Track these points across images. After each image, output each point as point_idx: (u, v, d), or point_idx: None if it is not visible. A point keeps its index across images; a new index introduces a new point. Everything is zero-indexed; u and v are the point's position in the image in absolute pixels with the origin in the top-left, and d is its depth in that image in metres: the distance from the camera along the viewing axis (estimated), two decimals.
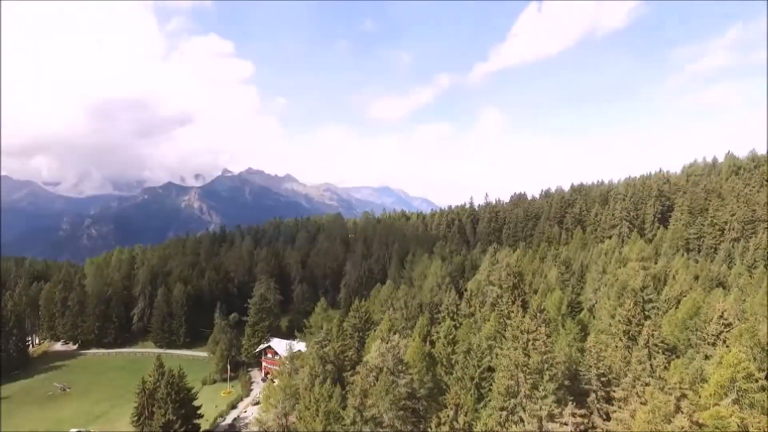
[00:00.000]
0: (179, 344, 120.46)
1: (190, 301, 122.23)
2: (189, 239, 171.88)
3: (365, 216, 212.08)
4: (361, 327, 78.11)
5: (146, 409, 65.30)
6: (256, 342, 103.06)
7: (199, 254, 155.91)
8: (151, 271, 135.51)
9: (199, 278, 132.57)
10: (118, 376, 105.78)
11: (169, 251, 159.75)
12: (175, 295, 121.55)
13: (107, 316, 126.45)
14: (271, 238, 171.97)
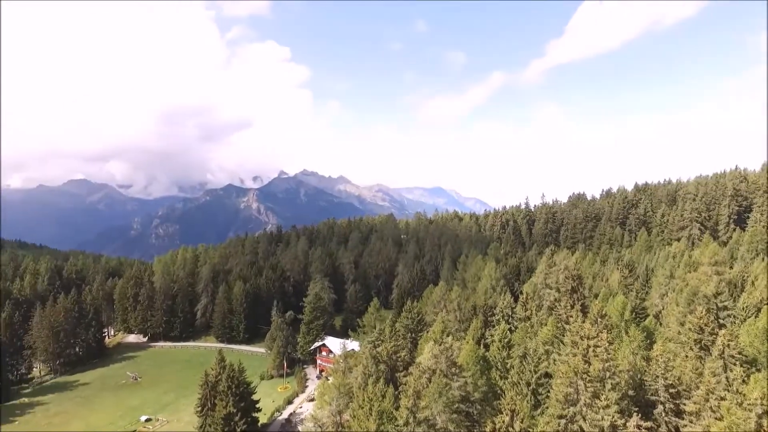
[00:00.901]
0: (239, 340, 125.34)
1: (249, 298, 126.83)
2: (248, 239, 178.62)
3: (417, 216, 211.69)
4: (413, 328, 77.96)
5: (209, 400, 68.54)
6: (311, 340, 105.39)
7: (258, 253, 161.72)
8: (213, 269, 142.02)
9: (257, 276, 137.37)
10: (183, 368, 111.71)
11: (229, 250, 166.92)
12: (234, 293, 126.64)
13: (173, 311, 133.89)
14: (325, 239, 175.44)
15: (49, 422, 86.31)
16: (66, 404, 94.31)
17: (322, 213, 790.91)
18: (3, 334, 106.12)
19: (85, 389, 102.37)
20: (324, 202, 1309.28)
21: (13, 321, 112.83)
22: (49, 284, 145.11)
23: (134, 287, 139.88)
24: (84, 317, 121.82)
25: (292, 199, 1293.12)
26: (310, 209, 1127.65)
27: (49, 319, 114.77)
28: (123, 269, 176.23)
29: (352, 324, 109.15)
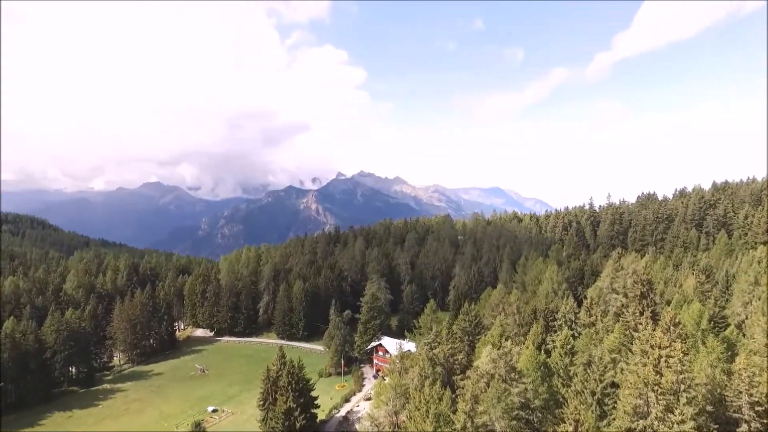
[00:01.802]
0: (298, 337, 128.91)
1: (308, 297, 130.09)
2: (307, 239, 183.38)
3: (475, 217, 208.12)
4: (470, 331, 76.67)
5: (270, 395, 70.95)
6: (368, 339, 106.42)
7: (316, 253, 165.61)
8: (274, 268, 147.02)
9: (316, 276, 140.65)
10: (246, 363, 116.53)
11: (289, 250, 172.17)
12: (294, 291, 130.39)
13: (238, 307, 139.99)
14: (381, 239, 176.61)
15: (127, 408, 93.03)
16: (142, 392, 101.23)
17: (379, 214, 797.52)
18: (88, 325, 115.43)
19: (158, 379, 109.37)
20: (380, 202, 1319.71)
21: (96, 313, 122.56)
22: (128, 280, 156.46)
23: (202, 284, 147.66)
24: (157, 311, 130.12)
25: (349, 200, 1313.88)
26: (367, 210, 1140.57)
27: (127, 313, 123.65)
28: (192, 267, 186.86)
29: (408, 325, 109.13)
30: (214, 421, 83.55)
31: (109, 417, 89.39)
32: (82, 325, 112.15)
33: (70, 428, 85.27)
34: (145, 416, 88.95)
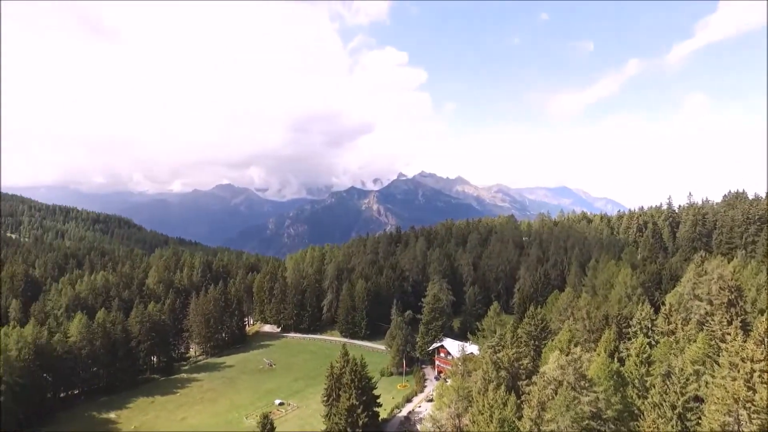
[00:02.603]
0: (360, 336, 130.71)
1: (370, 296, 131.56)
2: (369, 239, 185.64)
3: (540, 218, 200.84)
4: (536, 335, 74.10)
5: (334, 391, 72.54)
6: (430, 340, 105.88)
7: (378, 253, 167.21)
8: (338, 267, 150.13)
9: (378, 275, 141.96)
10: (311, 359, 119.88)
11: (352, 250, 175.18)
12: (357, 290, 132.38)
13: (303, 305, 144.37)
14: (443, 240, 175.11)
15: (202, 397, 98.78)
16: (215, 382, 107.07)
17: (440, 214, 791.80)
18: (168, 318, 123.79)
19: (230, 371, 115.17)
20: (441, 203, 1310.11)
21: (175, 307, 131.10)
22: (202, 276, 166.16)
23: (269, 282, 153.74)
24: (229, 307, 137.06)
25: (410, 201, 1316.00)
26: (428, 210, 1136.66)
27: (201, 307, 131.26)
28: (260, 265, 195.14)
29: (470, 327, 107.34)
30: (280, 414, 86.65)
31: (186, 404, 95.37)
32: (162, 318, 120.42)
33: (153, 413, 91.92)
34: (218, 405, 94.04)
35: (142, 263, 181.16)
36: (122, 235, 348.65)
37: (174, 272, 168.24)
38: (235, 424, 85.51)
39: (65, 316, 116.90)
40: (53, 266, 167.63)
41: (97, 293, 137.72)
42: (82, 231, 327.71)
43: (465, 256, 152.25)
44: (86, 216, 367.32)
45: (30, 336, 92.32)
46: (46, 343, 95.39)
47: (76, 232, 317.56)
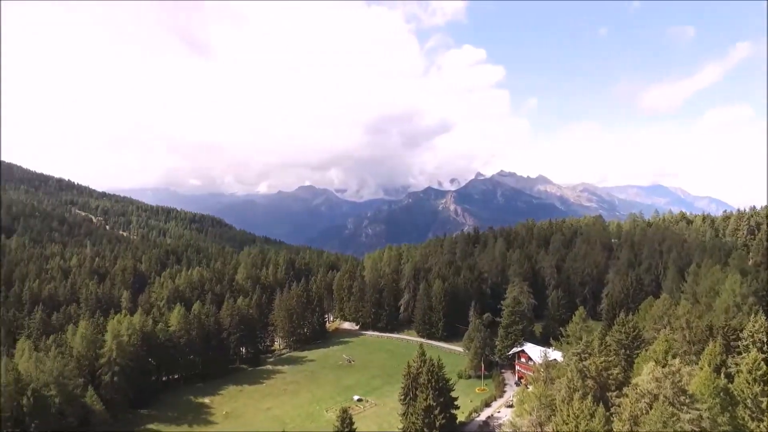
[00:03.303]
0: (437, 336, 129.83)
1: (447, 297, 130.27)
2: (446, 239, 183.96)
3: (632, 218, 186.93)
4: (627, 344, 68.91)
5: (411, 390, 72.68)
6: (509, 344, 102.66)
7: (455, 253, 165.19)
8: (414, 267, 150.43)
9: (455, 276, 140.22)
10: (388, 357, 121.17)
11: (429, 250, 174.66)
12: (434, 291, 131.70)
13: (380, 303, 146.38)
14: (523, 241, 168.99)
15: (285, 388, 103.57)
16: (297, 375, 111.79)
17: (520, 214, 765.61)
18: (255, 312, 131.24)
19: (311, 365, 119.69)
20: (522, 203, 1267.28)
21: (261, 302, 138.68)
22: (286, 274, 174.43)
23: (348, 280, 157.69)
24: (310, 303, 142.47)
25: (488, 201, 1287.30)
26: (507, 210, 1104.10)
27: (285, 303, 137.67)
28: (339, 264, 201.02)
29: (553, 332, 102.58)
30: (359, 410, 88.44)
31: (271, 395, 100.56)
32: (249, 312, 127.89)
33: (242, 401, 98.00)
34: (300, 397, 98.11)
35: (232, 260, 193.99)
36: (215, 233, 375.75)
37: (260, 269, 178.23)
38: (316, 416, 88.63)
39: (166, 307, 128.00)
40: (156, 261, 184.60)
41: (193, 287, 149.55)
42: (181, 230, 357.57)
43: (547, 258, 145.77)
44: (184, 216, 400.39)
45: (138, 324, 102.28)
46: (150, 331, 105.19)
47: (175, 231, 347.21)
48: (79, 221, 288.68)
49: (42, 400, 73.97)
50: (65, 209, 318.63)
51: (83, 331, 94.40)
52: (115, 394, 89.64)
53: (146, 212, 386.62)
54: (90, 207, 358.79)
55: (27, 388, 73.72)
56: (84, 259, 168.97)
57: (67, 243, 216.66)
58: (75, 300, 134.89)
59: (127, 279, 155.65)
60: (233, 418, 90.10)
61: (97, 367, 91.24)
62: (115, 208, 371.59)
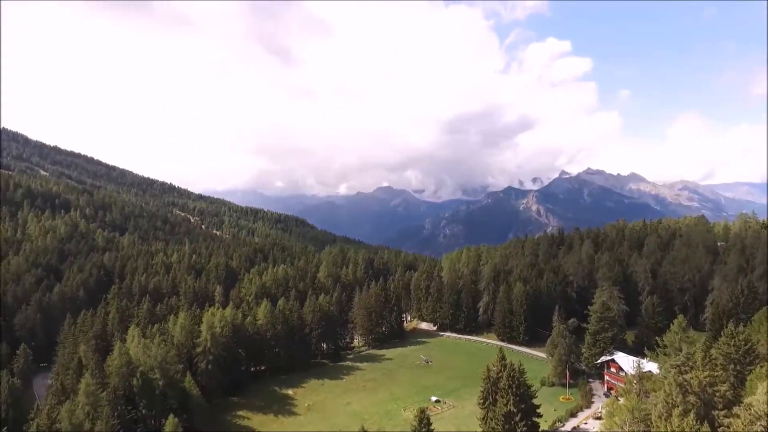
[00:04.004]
0: (518, 341, 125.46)
1: (529, 300, 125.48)
2: (528, 240, 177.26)
3: (743, 218, 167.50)
4: (738, 359, 61.77)
5: (490, 394, 70.79)
6: (597, 352, 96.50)
7: (538, 255, 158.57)
8: (494, 269, 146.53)
9: (538, 279, 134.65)
10: (467, 359, 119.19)
11: (509, 251, 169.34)
12: (515, 293, 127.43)
13: (458, 305, 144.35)
14: (613, 243, 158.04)
15: (364, 385, 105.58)
16: (375, 373, 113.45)
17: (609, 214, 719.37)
18: (335, 309, 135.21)
19: (389, 363, 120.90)
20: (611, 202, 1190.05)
21: (341, 300, 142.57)
22: (365, 272, 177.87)
23: (426, 281, 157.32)
24: (388, 302, 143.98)
25: (574, 200, 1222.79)
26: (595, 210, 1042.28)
27: (364, 301, 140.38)
28: (417, 264, 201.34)
29: (647, 341, 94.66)
30: (437, 411, 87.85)
31: (350, 390, 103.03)
32: (330, 309, 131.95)
33: (323, 394, 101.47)
34: (378, 394, 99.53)
35: (314, 259, 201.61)
36: (298, 233, 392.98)
37: (340, 268, 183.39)
38: (394, 414, 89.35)
39: (254, 301, 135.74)
40: (246, 259, 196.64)
41: (278, 284, 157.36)
42: (267, 229, 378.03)
43: (641, 261, 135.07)
44: (270, 216, 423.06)
45: (229, 317, 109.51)
46: (240, 323, 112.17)
47: (262, 230, 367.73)
48: (179, 221, 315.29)
49: (148, 382, 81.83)
50: (168, 210, 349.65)
51: (182, 322, 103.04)
52: (209, 380, 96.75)
53: (236, 213, 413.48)
54: (188, 208, 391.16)
55: (136, 370, 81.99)
56: (183, 256, 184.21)
57: (169, 241, 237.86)
58: (176, 293, 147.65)
59: (220, 275, 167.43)
60: (315, 411, 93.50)
61: (194, 355, 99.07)
62: (209, 209, 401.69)
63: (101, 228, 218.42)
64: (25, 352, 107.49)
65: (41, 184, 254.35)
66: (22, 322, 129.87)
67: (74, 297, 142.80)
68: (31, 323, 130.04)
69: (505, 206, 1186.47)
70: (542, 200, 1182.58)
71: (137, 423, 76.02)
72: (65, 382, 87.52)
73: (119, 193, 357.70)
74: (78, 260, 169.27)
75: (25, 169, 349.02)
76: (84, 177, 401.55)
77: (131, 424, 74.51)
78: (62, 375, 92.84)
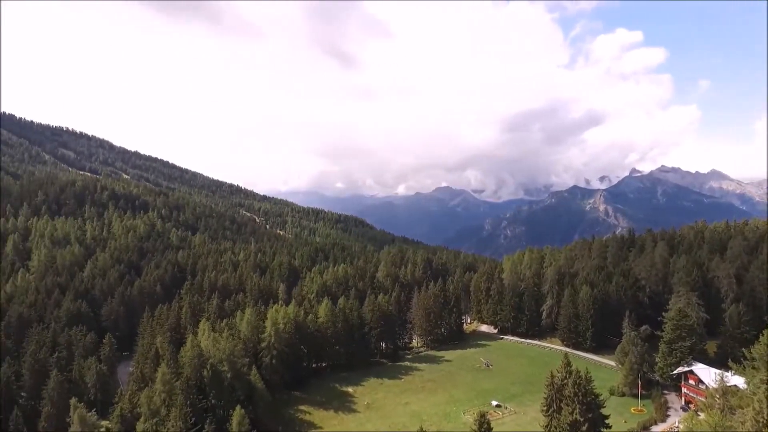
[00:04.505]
0: (585, 347, 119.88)
1: (597, 305, 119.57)
2: (595, 242, 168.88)
3: None
4: None
5: (554, 402, 68.04)
6: (674, 363, 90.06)
7: (606, 258, 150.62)
8: (558, 271, 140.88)
9: (606, 283, 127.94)
10: (528, 364, 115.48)
11: (575, 253, 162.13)
12: (581, 297, 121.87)
13: (520, 308, 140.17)
14: (691, 245, 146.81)
15: (423, 386, 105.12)
16: (434, 374, 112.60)
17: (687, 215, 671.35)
18: (394, 309, 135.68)
19: (448, 365, 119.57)
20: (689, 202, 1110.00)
21: (400, 300, 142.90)
22: (423, 273, 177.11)
23: (486, 282, 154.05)
24: (447, 304, 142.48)
25: (646, 200, 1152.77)
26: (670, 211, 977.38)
27: (423, 302, 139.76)
28: (477, 265, 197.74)
29: (732, 353, 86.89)
30: (497, 416, 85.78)
31: (409, 390, 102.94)
32: (389, 309, 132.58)
33: (382, 393, 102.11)
34: (437, 396, 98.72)
35: (373, 258, 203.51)
36: (357, 233, 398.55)
37: (399, 268, 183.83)
38: (453, 417, 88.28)
39: (316, 300, 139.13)
40: (307, 258, 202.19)
41: (339, 282, 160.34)
42: (328, 229, 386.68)
43: (724, 266, 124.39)
44: (330, 217, 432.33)
45: (292, 314, 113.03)
46: (302, 321, 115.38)
47: (323, 230, 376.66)
48: (245, 221, 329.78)
49: (218, 374, 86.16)
50: (235, 210, 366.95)
51: (248, 318, 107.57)
52: (273, 375, 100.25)
53: (299, 213, 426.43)
54: (254, 208, 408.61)
55: (207, 362, 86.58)
56: (249, 255, 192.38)
57: (236, 240, 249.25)
58: (242, 289, 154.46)
59: (283, 273, 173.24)
60: (374, 410, 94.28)
61: (259, 350, 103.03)
62: (273, 210, 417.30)
63: (175, 227, 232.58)
64: (110, 341, 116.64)
65: (123, 186, 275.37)
66: (107, 314, 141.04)
67: (152, 291, 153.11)
68: (115, 315, 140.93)
69: (570, 206, 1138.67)
70: (611, 200, 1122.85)
71: (207, 412, 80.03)
72: (144, 371, 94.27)
73: (191, 194, 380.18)
74: (155, 257, 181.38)
75: (110, 173, 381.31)
76: (160, 180, 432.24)
77: (202, 412, 78.61)
78: (142, 364, 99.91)
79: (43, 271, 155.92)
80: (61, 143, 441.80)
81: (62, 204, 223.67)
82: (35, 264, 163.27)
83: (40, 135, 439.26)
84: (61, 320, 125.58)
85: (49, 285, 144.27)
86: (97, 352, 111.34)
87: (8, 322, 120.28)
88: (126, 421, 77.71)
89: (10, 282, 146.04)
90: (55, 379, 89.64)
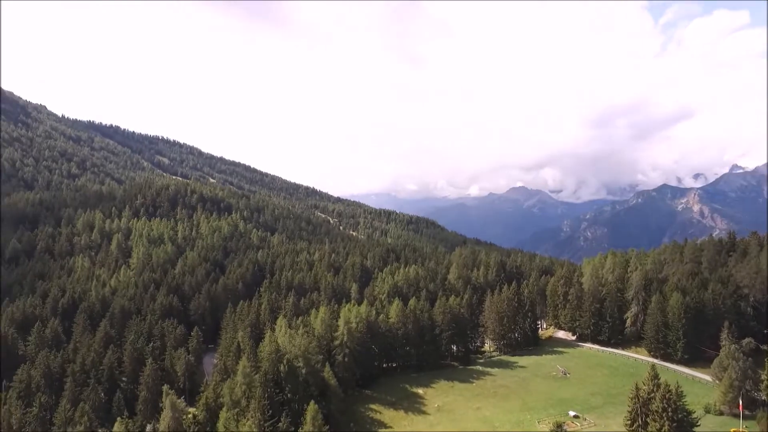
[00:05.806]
0: (675, 359, 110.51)
1: (689, 313, 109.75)
2: (687, 245, 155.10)
3: None
4: None
5: (640, 416, 63.54)
6: None
7: (701, 263, 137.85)
8: (645, 277, 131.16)
9: (701, 290, 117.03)
10: (610, 374, 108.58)
11: (664, 257, 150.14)
12: (671, 305, 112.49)
13: (601, 314, 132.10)
14: None
15: (495, 391, 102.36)
16: (507, 380, 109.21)
17: None
18: (465, 311, 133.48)
19: (521, 371, 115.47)
20: None
21: (471, 302, 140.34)
22: (496, 275, 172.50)
23: (564, 286, 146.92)
24: (522, 308, 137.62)
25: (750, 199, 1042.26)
26: None
27: (495, 305, 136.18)
28: (554, 268, 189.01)
29: None
30: (575, 427, 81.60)
31: (480, 395, 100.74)
32: (461, 311, 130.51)
33: (452, 396, 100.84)
34: (510, 402, 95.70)
35: (444, 260, 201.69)
36: (429, 234, 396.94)
37: (471, 270, 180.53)
38: (527, 425, 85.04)
39: (387, 300, 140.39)
40: (379, 259, 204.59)
41: (410, 283, 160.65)
42: (399, 230, 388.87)
43: None
44: (402, 218, 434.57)
45: (364, 313, 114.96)
46: (374, 320, 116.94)
47: (395, 232, 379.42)
48: (320, 222, 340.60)
49: (293, 369, 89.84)
50: (310, 212, 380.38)
51: (322, 316, 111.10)
52: (345, 372, 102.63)
53: (371, 215, 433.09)
54: (328, 210, 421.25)
55: (283, 357, 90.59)
56: (323, 255, 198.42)
57: (311, 240, 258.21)
58: (317, 288, 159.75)
59: (356, 273, 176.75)
60: (444, 412, 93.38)
61: (332, 348, 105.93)
62: (346, 211, 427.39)
63: (256, 228, 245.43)
64: (197, 334, 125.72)
65: (210, 190, 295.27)
66: (195, 308, 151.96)
67: (234, 288, 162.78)
68: (201, 309, 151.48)
69: (659, 206, 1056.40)
70: (707, 199, 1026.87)
71: (283, 405, 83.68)
72: (227, 363, 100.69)
73: (270, 197, 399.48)
74: (237, 256, 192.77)
75: (199, 177, 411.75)
76: (243, 183, 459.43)
77: (279, 405, 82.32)
78: (225, 356, 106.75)
79: (141, 267, 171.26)
80: (157, 151, 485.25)
81: (158, 206, 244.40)
82: (135, 261, 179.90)
83: (140, 144, 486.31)
84: (156, 313, 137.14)
85: (146, 280, 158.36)
86: (186, 344, 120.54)
87: (112, 313, 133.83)
88: (210, 410, 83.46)
89: (114, 277, 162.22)
90: (150, 367, 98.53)
